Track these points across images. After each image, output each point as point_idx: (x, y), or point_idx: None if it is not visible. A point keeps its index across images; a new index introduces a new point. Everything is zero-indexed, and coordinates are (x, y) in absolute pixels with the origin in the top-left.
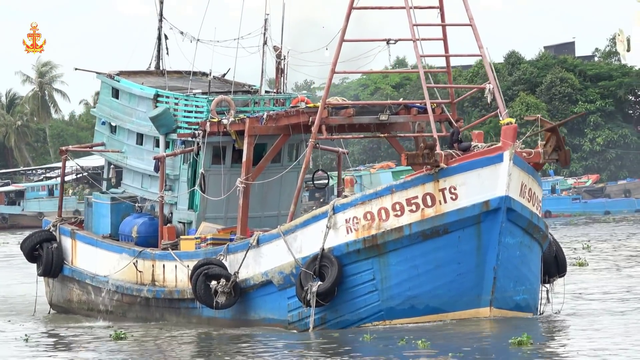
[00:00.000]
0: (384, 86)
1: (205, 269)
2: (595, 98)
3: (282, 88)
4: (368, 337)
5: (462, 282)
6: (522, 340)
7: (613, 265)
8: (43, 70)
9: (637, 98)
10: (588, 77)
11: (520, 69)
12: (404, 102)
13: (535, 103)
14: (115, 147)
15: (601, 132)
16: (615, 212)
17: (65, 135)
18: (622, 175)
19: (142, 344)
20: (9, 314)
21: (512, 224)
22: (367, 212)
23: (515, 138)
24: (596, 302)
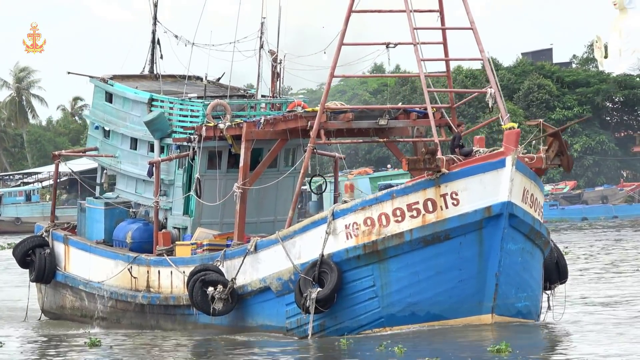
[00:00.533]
0: (361, 92)
1: (202, 275)
2: (573, 105)
3: (278, 92)
4: (344, 341)
5: (464, 288)
6: (501, 349)
7: (598, 272)
8: (20, 75)
9: (615, 105)
10: (565, 84)
11: (498, 76)
12: (404, 106)
13: (513, 109)
14: (108, 151)
15: (579, 139)
16: (593, 219)
17: (42, 140)
18: (599, 181)
19: (116, 352)
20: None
21: (514, 230)
22: (367, 217)
23: (518, 143)
24: (598, 309)
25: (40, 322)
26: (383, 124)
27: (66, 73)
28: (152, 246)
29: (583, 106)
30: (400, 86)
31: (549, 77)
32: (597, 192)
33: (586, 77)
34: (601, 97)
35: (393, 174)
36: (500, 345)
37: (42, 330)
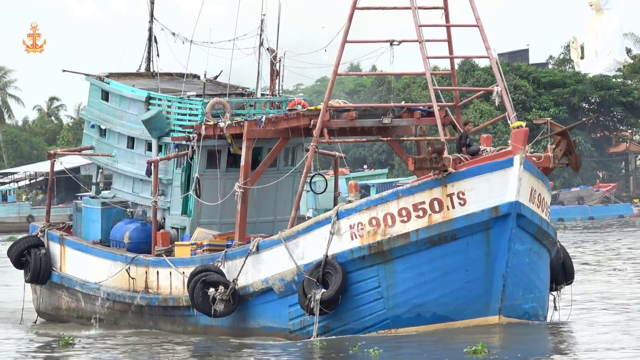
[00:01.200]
0: (337, 92)
1: (203, 276)
2: (549, 105)
3: (277, 90)
4: (318, 344)
5: (470, 289)
6: (477, 349)
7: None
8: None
9: (591, 105)
10: (542, 84)
11: (474, 76)
12: (407, 105)
13: (490, 110)
14: (104, 150)
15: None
16: (569, 219)
17: (18, 140)
18: (575, 182)
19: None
20: None
21: (522, 230)
22: (372, 217)
23: (526, 142)
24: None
25: (36, 324)
26: (387, 123)
27: (61, 71)
28: (150, 246)
29: (559, 107)
30: (377, 87)
31: (525, 77)
32: (573, 193)
33: (562, 78)
34: (577, 97)
35: (369, 175)
36: (477, 347)
37: (38, 333)
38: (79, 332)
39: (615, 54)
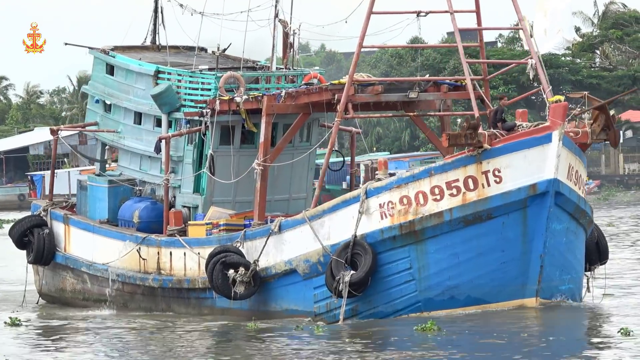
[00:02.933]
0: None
1: (223, 257)
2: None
3: (291, 64)
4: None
5: (506, 271)
6: (426, 327)
7: None
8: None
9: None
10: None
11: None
12: (434, 78)
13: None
14: (109, 126)
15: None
16: None
17: None
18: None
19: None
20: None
21: (560, 209)
22: (404, 196)
23: (565, 117)
24: None
25: (39, 305)
26: (414, 97)
27: (63, 44)
28: (160, 226)
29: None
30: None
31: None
32: None
33: (512, 57)
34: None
35: None
36: (427, 324)
37: (42, 314)
38: (87, 313)
39: (564, 33)
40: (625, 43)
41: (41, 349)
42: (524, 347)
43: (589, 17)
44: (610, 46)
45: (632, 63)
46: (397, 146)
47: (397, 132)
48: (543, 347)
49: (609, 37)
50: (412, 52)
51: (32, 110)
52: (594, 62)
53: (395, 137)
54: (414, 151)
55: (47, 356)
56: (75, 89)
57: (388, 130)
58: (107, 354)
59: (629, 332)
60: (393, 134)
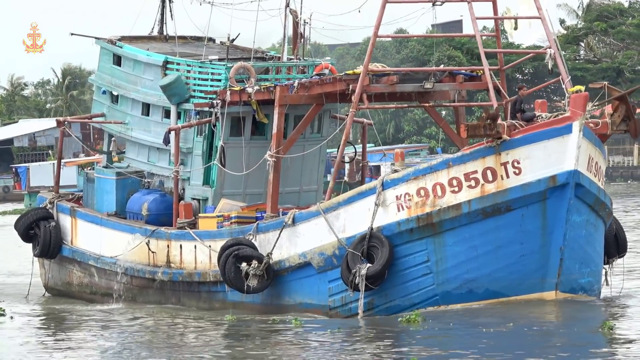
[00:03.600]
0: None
1: (235, 250)
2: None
3: (302, 54)
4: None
5: (526, 264)
6: (411, 318)
7: None
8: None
9: (524, 76)
10: (475, 55)
11: (408, 47)
12: (450, 68)
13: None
14: (116, 118)
15: (490, 109)
16: None
17: None
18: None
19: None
20: None
21: (580, 201)
22: (421, 187)
23: (586, 107)
24: None
25: (45, 298)
26: (429, 87)
27: (69, 34)
28: (170, 219)
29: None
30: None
31: (459, 48)
32: None
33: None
34: (511, 68)
35: None
36: (411, 316)
37: (50, 308)
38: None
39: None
40: (609, 35)
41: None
42: (541, 342)
43: (573, 9)
44: (595, 38)
45: (617, 55)
46: (382, 138)
47: (382, 124)
48: (557, 343)
49: (593, 29)
50: (397, 44)
51: (17, 102)
52: (578, 55)
53: (380, 130)
54: (399, 143)
55: (54, 351)
56: (60, 81)
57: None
58: (115, 348)
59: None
60: (377, 126)
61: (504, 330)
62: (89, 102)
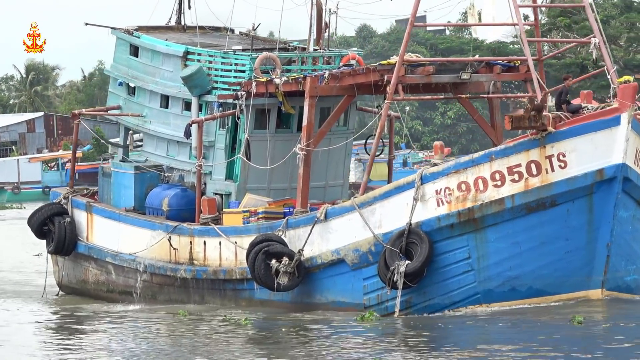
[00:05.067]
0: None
1: (265, 246)
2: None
3: (327, 45)
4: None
5: (571, 261)
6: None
7: None
8: None
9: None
10: (440, 51)
11: (372, 43)
12: (487, 58)
13: None
14: (133, 110)
15: (452, 106)
16: None
17: None
18: (473, 148)
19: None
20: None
21: (627, 196)
22: (462, 182)
23: (635, 98)
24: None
25: (60, 297)
26: (466, 78)
27: (84, 24)
28: (191, 214)
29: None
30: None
31: (423, 44)
32: None
33: (460, 44)
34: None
35: None
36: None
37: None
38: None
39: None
40: (573, 31)
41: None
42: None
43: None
44: (559, 34)
45: (580, 51)
46: None
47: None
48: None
49: (557, 25)
50: (361, 40)
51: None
52: (542, 50)
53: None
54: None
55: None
56: (23, 77)
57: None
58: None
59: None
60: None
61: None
62: (52, 98)
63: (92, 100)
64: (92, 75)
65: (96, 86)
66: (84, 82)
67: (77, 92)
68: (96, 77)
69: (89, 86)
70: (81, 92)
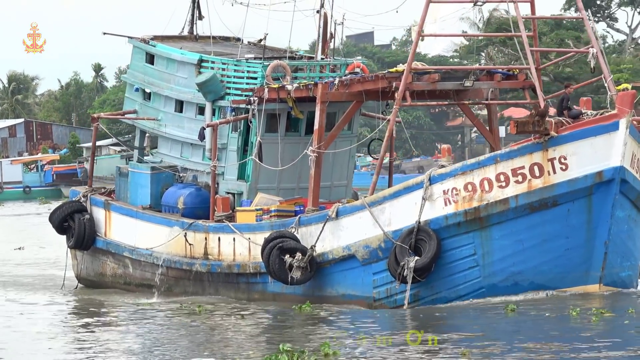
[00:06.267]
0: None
1: (279, 242)
2: None
3: (332, 54)
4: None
5: (570, 257)
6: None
7: None
8: None
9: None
10: (386, 64)
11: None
12: (488, 67)
13: None
14: (149, 114)
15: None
16: None
17: None
18: (416, 153)
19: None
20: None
21: (623, 197)
22: (468, 182)
23: (633, 105)
24: None
25: (79, 289)
26: (469, 85)
27: (102, 34)
28: (205, 212)
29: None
30: None
31: (371, 57)
32: (414, 163)
33: (404, 58)
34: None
35: None
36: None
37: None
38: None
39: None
40: (507, 46)
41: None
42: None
43: (475, 22)
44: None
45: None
46: None
47: None
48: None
49: (492, 40)
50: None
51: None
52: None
53: None
54: None
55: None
56: (6, 87)
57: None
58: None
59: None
60: None
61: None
62: (32, 106)
63: (68, 108)
64: (68, 85)
65: (72, 95)
66: (61, 91)
67: (54, 100)
68: (72, 87)
69: (66, 95)
70: (58, 100)
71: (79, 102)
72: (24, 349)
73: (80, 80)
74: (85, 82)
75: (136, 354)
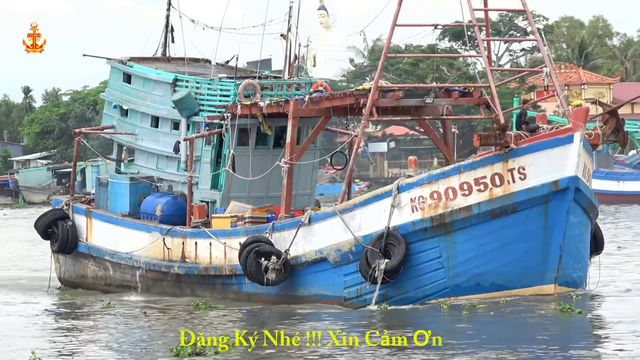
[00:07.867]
0: None
1: (256, 247)
2: None
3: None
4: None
5: (528, 260)
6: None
7: None
8: None
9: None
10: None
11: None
12: (447, 85)
13: None
14: (126, 129)
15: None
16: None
17: None
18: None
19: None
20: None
21: (576, 204)
22: (434, 191)
23: (587, 120)
24: None
25: (62, 290)
26: (430, 102)
27: (82, 55)
28: (181, 219)
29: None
30: None
31: None
32: None
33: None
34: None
35: None
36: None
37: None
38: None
39: (341, 63)
40: (390, 72)
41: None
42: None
43: (360, 50)
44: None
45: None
46: None
47: None
48: None
49: (377, 66)
50: None
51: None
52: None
53: None
54: None
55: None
56: None
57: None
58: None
59: None
60: None
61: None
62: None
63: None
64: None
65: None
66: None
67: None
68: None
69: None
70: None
71: (9, 120)
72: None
73: (10, 101)
74: (15, 103)
75: None
